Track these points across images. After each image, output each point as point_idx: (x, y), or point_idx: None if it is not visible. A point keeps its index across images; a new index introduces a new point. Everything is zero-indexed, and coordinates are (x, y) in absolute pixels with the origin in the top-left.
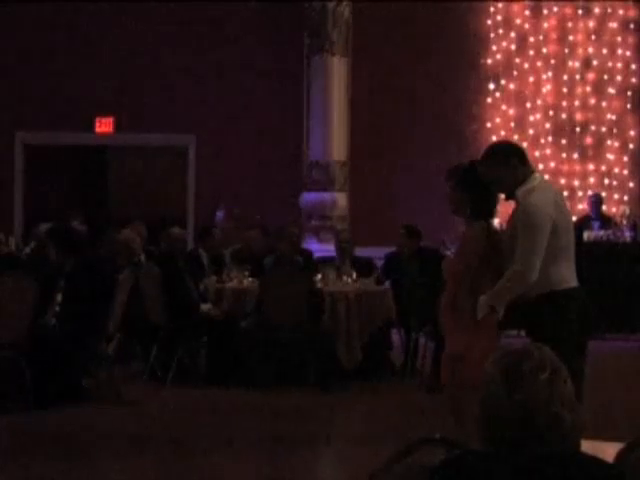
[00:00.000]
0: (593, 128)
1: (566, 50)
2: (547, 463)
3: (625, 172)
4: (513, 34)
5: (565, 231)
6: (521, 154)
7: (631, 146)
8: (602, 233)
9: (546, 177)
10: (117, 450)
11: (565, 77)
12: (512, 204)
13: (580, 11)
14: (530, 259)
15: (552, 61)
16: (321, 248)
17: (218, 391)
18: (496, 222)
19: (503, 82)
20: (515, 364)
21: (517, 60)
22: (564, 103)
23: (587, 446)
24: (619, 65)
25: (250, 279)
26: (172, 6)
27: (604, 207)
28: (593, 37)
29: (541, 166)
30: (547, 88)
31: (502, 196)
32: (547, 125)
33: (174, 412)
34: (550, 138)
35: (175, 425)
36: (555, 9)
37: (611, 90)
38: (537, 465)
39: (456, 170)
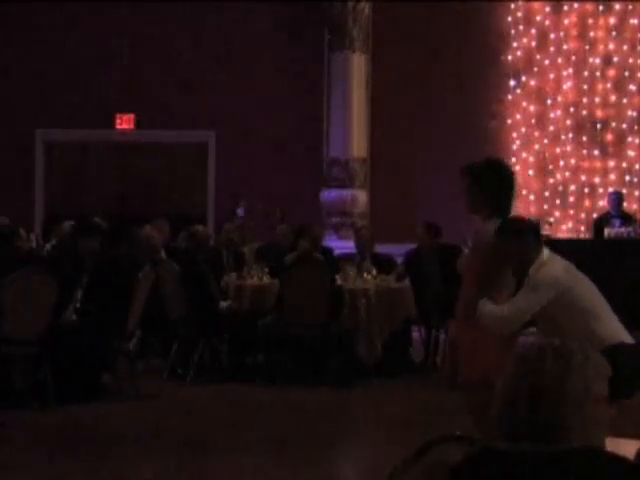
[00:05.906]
0: (614, 125)
1: (587, 47)
2: (566, 460)
3: None
4: (534, 31)
5: (587, 290)
6: (536, 231)
7: None
8: (623, 230)
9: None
10: (136, 447)
11: (586, 74)
12: None
13: (601, 7)
14: (517, 312)
15: (573, 58)
16: (341, 245)
17: (238, 388)
18: None
19: (524, 79)
20: (533, 360)
21: (538, 57)
22: (585, 100)
23: (607, 443)
24: None
25: (269, 277)
26: (192, 4)
27: (625, 204)
28: (614, 34)
29: (562, 163)
30: (568, 85)
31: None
32: (568, 122)
33: (193, 409)
34: (571, 135)
35: (194, 422)
36: (576, 5)
37: (632, 87)
38: (557, 462)
39: (472, 167)
